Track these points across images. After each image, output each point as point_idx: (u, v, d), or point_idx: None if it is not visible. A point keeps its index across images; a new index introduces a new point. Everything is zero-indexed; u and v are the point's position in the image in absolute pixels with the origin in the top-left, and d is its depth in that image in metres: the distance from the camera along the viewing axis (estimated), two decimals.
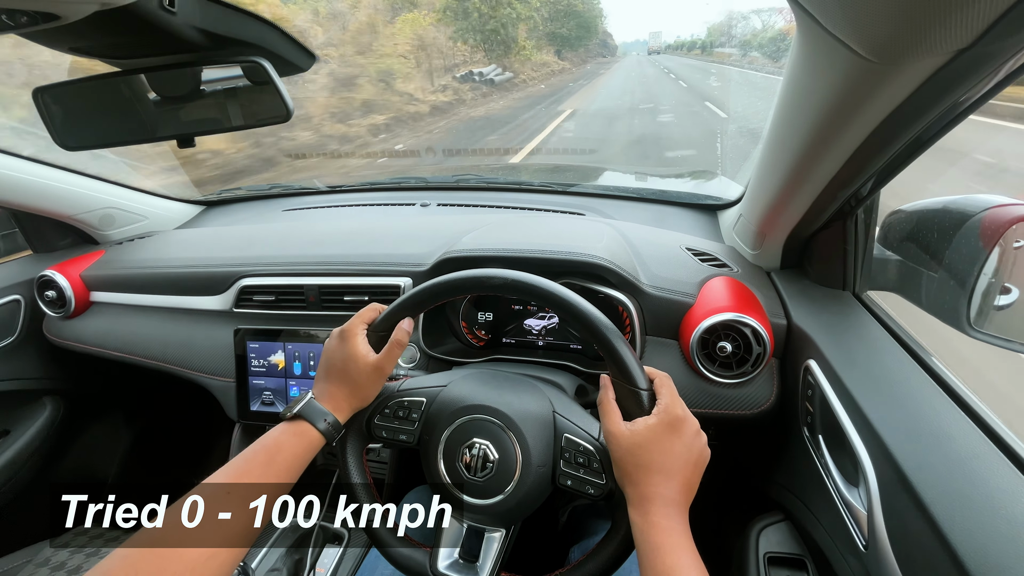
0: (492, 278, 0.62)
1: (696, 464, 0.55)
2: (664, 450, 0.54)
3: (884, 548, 0.54)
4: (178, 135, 0.77)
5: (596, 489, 0.59)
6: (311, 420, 0.59)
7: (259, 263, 1.09)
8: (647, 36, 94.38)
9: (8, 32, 0.53)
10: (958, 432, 0.55)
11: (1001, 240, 0.59)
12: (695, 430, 0.56)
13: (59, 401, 1.33)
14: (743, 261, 1.02)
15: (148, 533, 0.47)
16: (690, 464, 0.55)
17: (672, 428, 0.54)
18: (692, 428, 0.56)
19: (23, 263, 1.32)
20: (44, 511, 1.31)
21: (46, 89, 0.71)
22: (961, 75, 0.44)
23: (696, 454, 0.56)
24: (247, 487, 0.53)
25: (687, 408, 0.57)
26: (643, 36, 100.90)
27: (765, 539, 0.83)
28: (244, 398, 1.08)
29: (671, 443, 0.54)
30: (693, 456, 0.55)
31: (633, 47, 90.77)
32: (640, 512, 0.52)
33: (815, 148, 0.64)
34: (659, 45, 78.40)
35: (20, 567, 0.99)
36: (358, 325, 0.64)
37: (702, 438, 0.57)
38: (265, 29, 0.70)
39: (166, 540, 0.47)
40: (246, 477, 0.54)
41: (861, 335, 0.76)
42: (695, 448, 0.56)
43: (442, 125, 11.16)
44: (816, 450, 0.74)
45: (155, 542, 0.47)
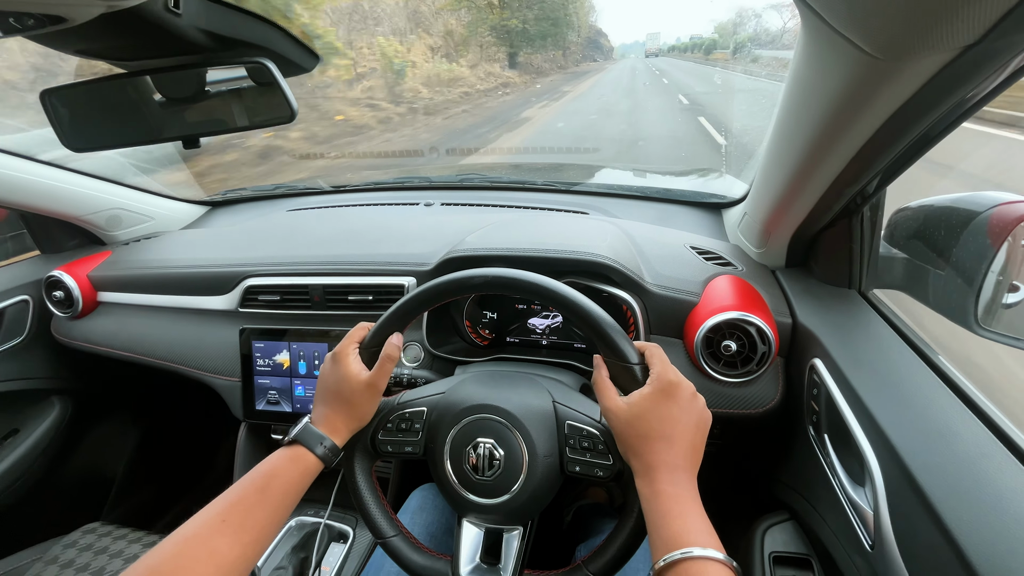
0: (473, 278, 0.62)
1: (697, 426, 0.55)
2: (662, 417, 0.54)
3: (891, 548, 0.54)
4: (183, 136, 0.77)
5: (605, 471, 0.59)
6: (308, 445, 0.59)
7: (264, 263, 1.10)
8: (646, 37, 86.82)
9: (15, 35, 0.53)
10: (965, 431, 0.54)
11: (1009, 237, 0.58)
12: (691, 393, 0.56)
13: (67, 400, 1.34)
14: (748, 260, 1.01)
15: (145, 564, 0.47)
16: (691, 427, 0.55)
17: (667, 394, 0.55)
18: (687, 391, 0.56)
19: (31, 264, 1.33)
20: (53, 509, 1.33)
21: (53, 91, 0.71)
22: (968, 72, 0.44)
23: (696, 416, 0.56)
24: (242, 515, 0.52)
25: (680, 374, 0.57)
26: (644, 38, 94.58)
27: (770, 538, 0.83)
28: (250, 397, 1.08)
29: (668, 409, 0.54)
30: (693, 419, 0.55)
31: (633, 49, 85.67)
32: (646, 481, 0.52)
33: (821, 145, 0.63)
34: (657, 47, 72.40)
35: (29, 565, 1.00)
36: (349, 346, 0.64)
37: (699, 400, 0.57)
38: (269, 30, 0.70)
39: (161, 571, 0.46)
40: (240, 505, 0.53)
41: (867, 334, 0.76)
42: (694, 411, 0.56)
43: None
44: (822, 449, 0.74)
45: (151, 573, 0.46)
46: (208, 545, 0.49)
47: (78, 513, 1.35)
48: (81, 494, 1.42)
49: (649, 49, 70.16)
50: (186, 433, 1.68)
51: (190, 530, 0.50)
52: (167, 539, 0.49)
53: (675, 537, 0.48)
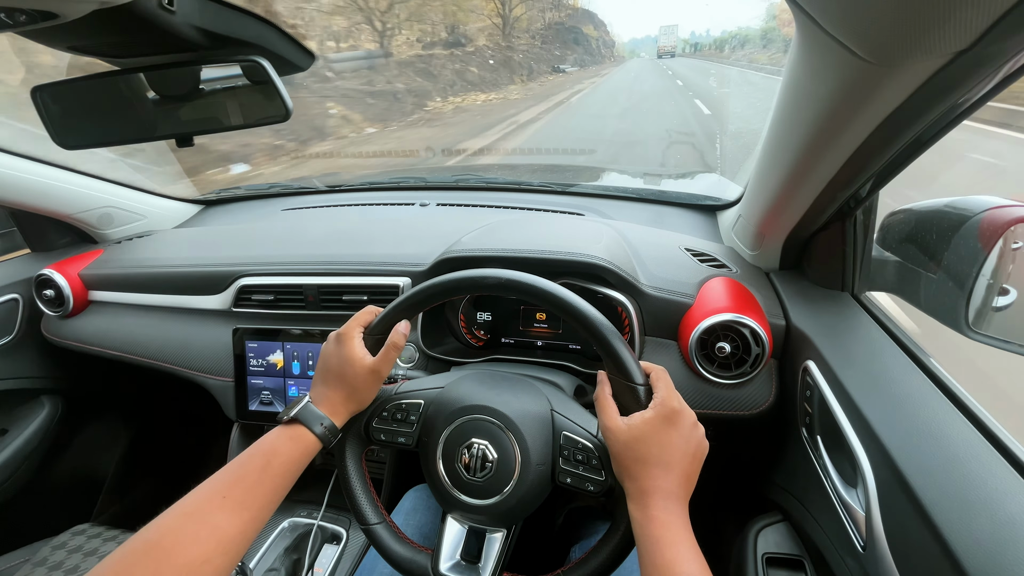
0: (487, 278, 0.62)
1: (694, 456, 0.55)
2: (661, 443, 0.54)
3: (882, 549, 0.54)
4: (177, 134, 0.77)
5: (596, 486, 0.59)
6: (308, 424, 0.59)
7: (258, 263, 1.09)
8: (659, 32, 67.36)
9: (7, 31, 0.52)
10: (956, 433, 0.55)
11: (1000, 241, 0.59)
12: (692, 422, 0.57)
13: (57, 400, 1.33)
14: (742, 262, 1.02)
15: (143, 537, 0.47)
16: (688, 456, 0.55)
17: (669, 421, 0.55)
18: (689, 420, 0.56)
19: (21, 262, 1.31)
20: (43, 510, 1.32)
21: (44, 88, 0.71)
22: (960, 77, 0.45)
23: (694, 446, 0.56)
24: (243, 492, 0.53)
25: (684, 401, 0.57)
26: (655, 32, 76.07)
27: (763, 540, 0.83)
28: (243, 398, 1.08)
29: (668, 436, 0.54)
30: (691, 448, 0.55)
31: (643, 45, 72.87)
32: (639, 506, 0.53)
33: (814, 149, 0.64)
34: (671, 45, 55.81)
35: (18, 566, 0.99)
36: (354, 328, 0.64)
37: (699, 430, 0.57)
38: (264, 29, 0.69)
39: (161, 545, 0.46)
40: (242, 482, 0.53)
41: (860, 336, 0.76)
42: (693, 440, 0.56)
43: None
44: (814, 451, 0.74)
45: (150, 547, 0.46)
46: (209, 522, 0.49)
47: (68, 514, 1.34)
48: (71, 495, 1.40)
49: (663, 47, 55.12)
50: (178, 434, 1.67)
51: (190, 506, 0.50)
52: (165, 514, 0.49)
53: (667, 565, 0.48)
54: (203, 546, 0.48)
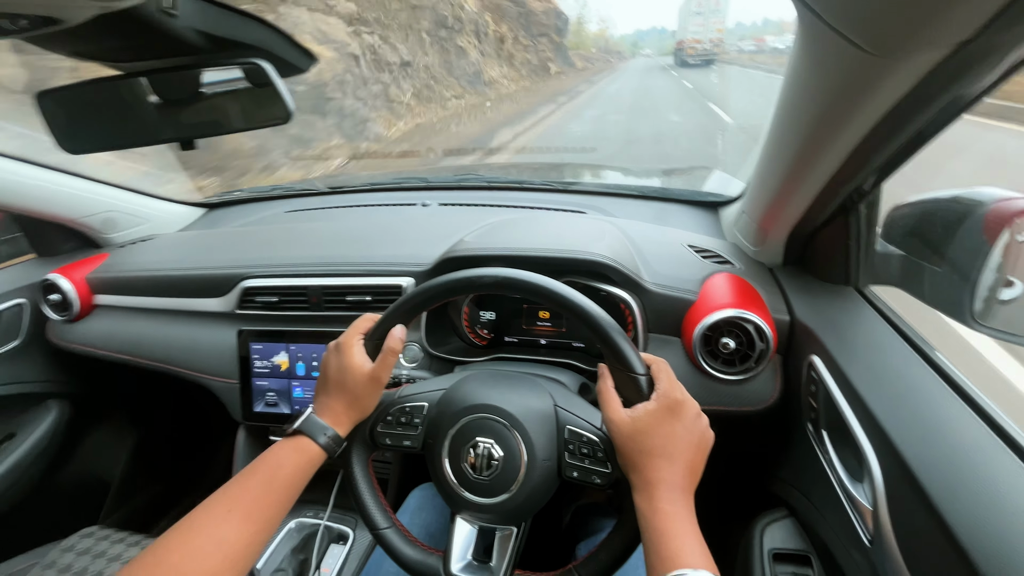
0: (483, 277, 0.62)
1: (699, 447, 0.55)
2: (665, 434, 0.54)
3: (889, 543, 0.54)
4: (179, 138, 0.77)
5: (602, 478, 0.59)
6: (311, 435, 0.59)
7: (261, 265, 1.10)
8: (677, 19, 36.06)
9: (8, 36, 0.53)
10: (962, 426, 0.55)
11: (1005, 233, 0.59)
12: (695, 412, 0.57)
13: (64, 404, 1.34)
14: (745, 257, 1.02)
15: (151, 552, 0.47)
16: (692, 447, 0.55)
17: (672, 412, 0.55)
18: (692, 411, 0.56)
19: (27, 267, 1.32)
20: (51, 513, 1.32)
21: (48, 93, 0.71)
22: (963, 68, 0.44)
23: (698, 436, 0.56)
24: (248, 505, 0.53)
25: (686, 391, 0.57)
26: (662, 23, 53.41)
27: (770, 535, 0.83)
28: (248, 399, 1.08)
29: (672, 427, 0.54)
30: (695, 439, 0.55)
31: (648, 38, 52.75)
32: (644, 497, 0.53)
33: (817, 143, 0.63)
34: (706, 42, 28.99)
35: (27, 570, 1.00)
36: (353, 336, 0.64)
37: (703, 420, 0.57)
38: (265, 31, 0.70)
39: (169, 561, 0.47)
40: (247, 495, 0.54)
41: (864, 330, 0.76)
42: (696, 431, 0.56)
43: None
44: (820, 446, 0.74)
45: (158, 562, 0.46)
46: (215, 535, 0.49)
47: (76, 517, 1.34)
48: (79, 498, 1.41)
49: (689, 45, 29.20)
50: (184, 436, 1.68)
51: (196, 521, 0.50)
52: (173, 529, 0.49)
53: (671, 557, 0.48)
54: (211, 560, 0.48)
